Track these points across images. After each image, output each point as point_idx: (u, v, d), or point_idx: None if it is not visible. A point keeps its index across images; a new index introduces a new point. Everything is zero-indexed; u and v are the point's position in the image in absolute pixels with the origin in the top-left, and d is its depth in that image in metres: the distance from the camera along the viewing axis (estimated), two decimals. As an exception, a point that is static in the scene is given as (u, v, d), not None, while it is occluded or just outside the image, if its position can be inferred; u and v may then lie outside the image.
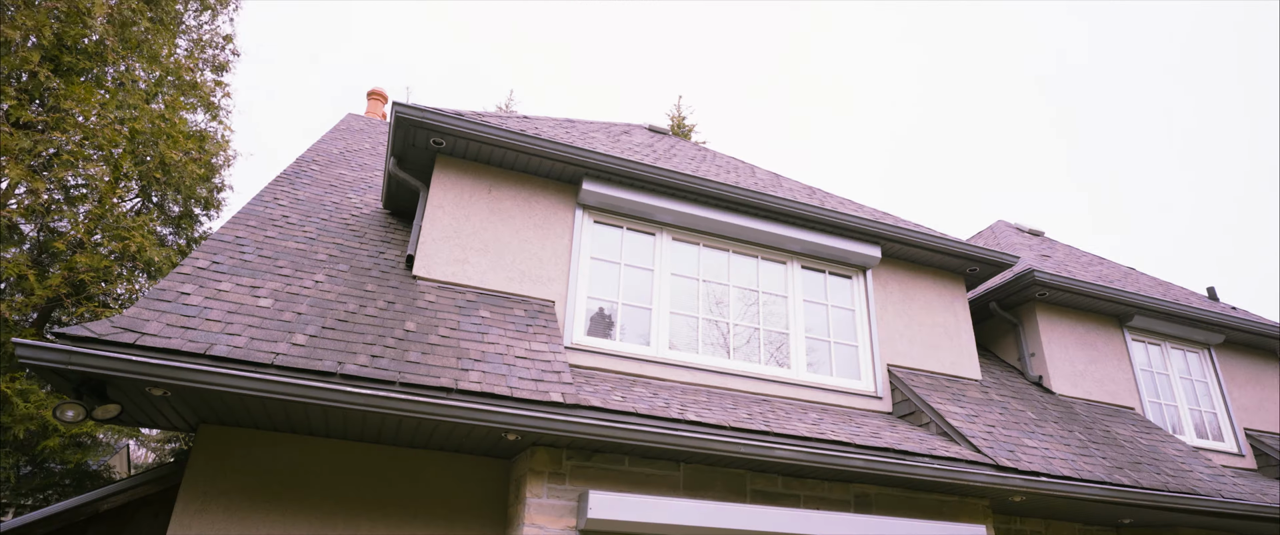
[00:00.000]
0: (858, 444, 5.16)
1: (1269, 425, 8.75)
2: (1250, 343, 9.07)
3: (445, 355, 4.68)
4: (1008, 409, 6.76)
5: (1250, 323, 8.80)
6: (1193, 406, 8.46)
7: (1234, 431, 8.47)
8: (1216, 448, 8.25)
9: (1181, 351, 8.75)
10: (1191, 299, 9.33)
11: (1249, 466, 8.30)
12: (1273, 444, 8.35)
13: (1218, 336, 8.79)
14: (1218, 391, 8.66)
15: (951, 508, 5.75)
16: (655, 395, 5.34)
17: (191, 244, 8.68)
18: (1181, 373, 8.61)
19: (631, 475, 4.93)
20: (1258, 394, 8.90)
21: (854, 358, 6.84)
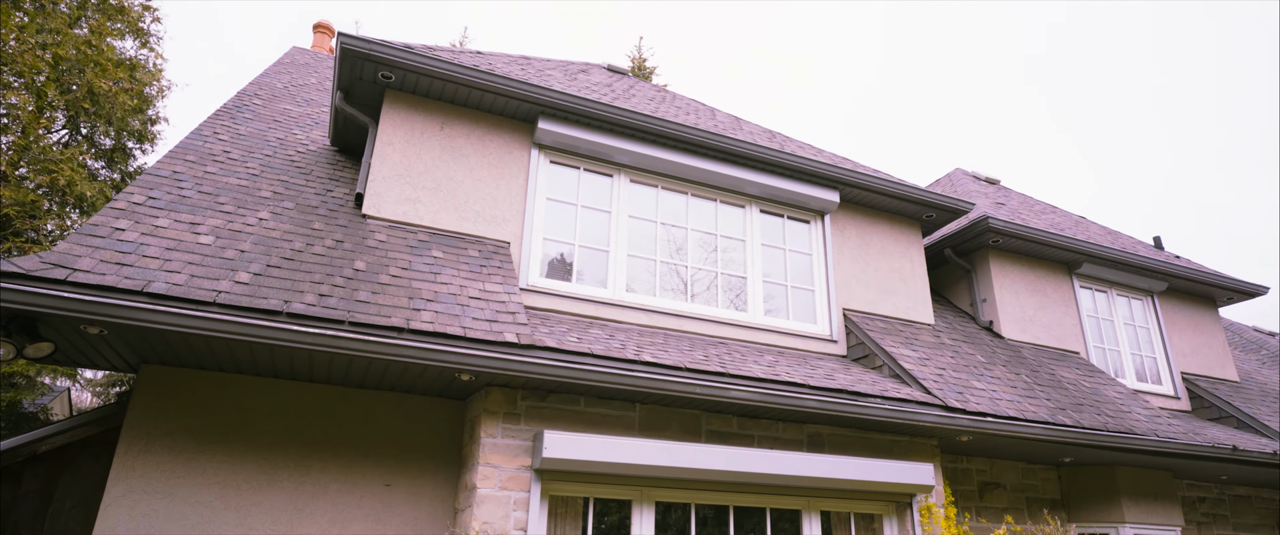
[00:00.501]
0: (811, 385, 5.23)
1: (1204, 369, 9.13)
2: (1191, 290, 9.39)
3: (396, 295, 4.57)
4: (958, 352, 6.91)
5: (1192, 271, 9.08)
6: (1134, 351, 8.76)
7: (1172, 375, 8.81)
8: (1155, 391, 8.59)
9: (1126, 298, 9.02)
10: (1138, 248, 9.58)
11: (1184, 408, 8.67)
12: (1207, 387, 8.72)
13: (1161, 284, 9.06)
14: (1158, 337, 8.97)
15: (902, 447, 5.90)
16: (612, 337, 5.32)
17: (126, 179, 8.28)
18: (1125, 319, 8.89)
19: (587, 415, 4.94)
20: (1195, 340, 9.25)
21: (811, 302, 6.89)
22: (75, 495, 4.65)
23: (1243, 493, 8.50)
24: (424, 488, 4.93)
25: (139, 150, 8.70)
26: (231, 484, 4.45)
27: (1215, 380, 9.04)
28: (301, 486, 4.61)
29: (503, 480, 4.53)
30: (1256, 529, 8.38)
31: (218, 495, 4.40)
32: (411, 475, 4.92)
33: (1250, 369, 10.72)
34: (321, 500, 4.63)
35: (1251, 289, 9.31)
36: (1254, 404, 8.60)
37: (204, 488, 4.38)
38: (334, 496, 4.67)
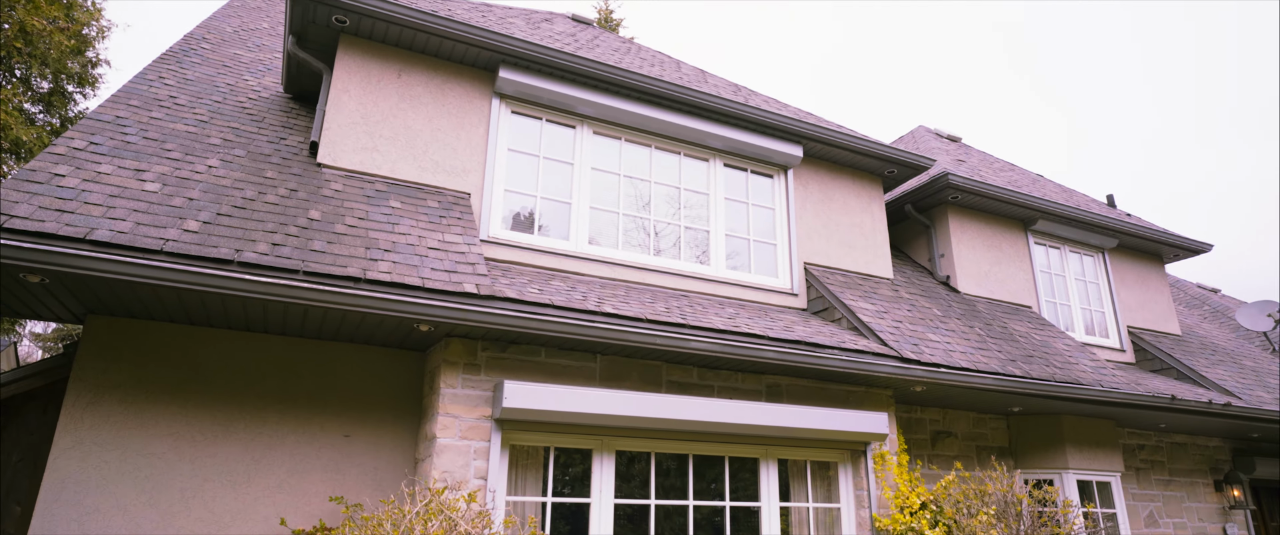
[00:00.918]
0: (770, 337, 5.30)
1: (1149, 324, 9.46)
2: (1140, 247, 9.67)
3: (353, 245, 4.49)
4: (915, 306, 7.05)
5: (1141, 228, 9.34)
6: (1084, 306, 9.03)
7: (1118, 329, 9.12)
8: (1102, 344, 8.89)
9: (1078, 255, 9.26)
10: (1091, 206, 9.81)
11: (1129, 360, 9.00)
12: (1151, 340, 9.06)
13: (1112, 241, 9.31)
14: (1107, 292, 9.26)
15: (857, 397, 6.05)
16: (573, 289, 5.31)
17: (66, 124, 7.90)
18: (1077, 274, 9.14)
19: (548, 366, 4.95)
20: (1142, 295, 9.56)
21: (772, 256, 6.95)
22: (22, 448, 4.56)
23: (1180, 440, 8.91)
24: (384, 438, 4.93)
25: (79, 94, 8.28)
26: (185, 436, 4.40)
27: (1159, 334, 9.38)
28: (257, 437, 4.57)
29: (463, 430, 4.54)
30: (1191, 474, 8.82)
31: (171, 447, 4.35)
32: (371, 426, 4.91)
33: (1192, 323, 11.15)
34: (279, 451, 4.60)
35: (1196, 246, 9.62)
36: (1194, 356, 8.97)
37: (156, 439, 4.32)
38: (292, 447, 4.65)
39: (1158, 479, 8.53)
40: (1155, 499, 8.42)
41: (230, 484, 4.43)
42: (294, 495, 4.58)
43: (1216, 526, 8.77)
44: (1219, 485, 8.92)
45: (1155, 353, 8.80)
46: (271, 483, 4.54)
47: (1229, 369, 8.93)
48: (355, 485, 4.76)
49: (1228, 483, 8.91)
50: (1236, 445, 9.36)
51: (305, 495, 4.61)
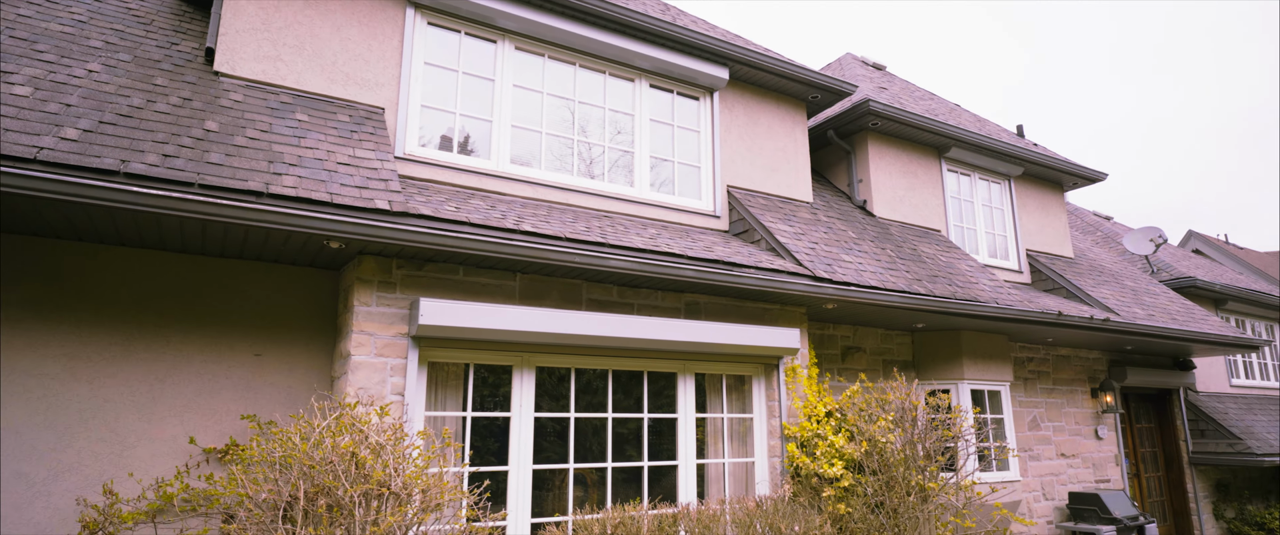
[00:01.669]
0: (689, 256, 5.40)
1: (1046, 247, 10.07)
2: (1043, 175, 10.17)
3: (255, 158, 4.28)
4: (832, 229, 7.28)
5: (1045, 157, 9.81)
6: (989, 230, 9.52)
7: (1018, 252, 9.68)
8: (1003, 265, 9.43)
9: (987, 182, 9.68)
10: (1002, 135, 10.21)
11: (1025, 281, 9.60)
12: (1046, 262, 9.66)
13: (1018, 169, 9.76)
14: (1011, 218, 9.76)
15: (773, 315, 6.28)
16: (493, 208, 5.24)
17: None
18: (984, 200, 9.58)
19: (466, 284, 4.93)
20: (1042, 220, 10.13)
21: (696, 178, 7.00)
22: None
23: (1064, 353, 9.66)
24: (298, 357, 4.85)
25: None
26: (80, 356, 4.22)
27: (1054, 257, 10.01)
28: (161, 357, 4.42)
29: (378, 347, 4.51)
30: (1072, 383, 9.61)
31: (65, 367, 4.17)
32: (284, 345, 4.81)
33: (1085, 247, 11.93)
34: (185, 371, 4.48)
35: (1092, 174, 10.19)
36: (1082, 277, 9.63)
37: (48, 360, 4.13)
38: (199, 367, 4.52)
39: (1043, 387, 9.27)
40: (1039, 405, 9.17)
41: (133, 405, 4.30)
42: (204, 415, 4.49)
43: (1090, 428, 9.66)
44: (1095, 392, 9.78)
45: (1049, 274, 9.41)
46: (179, 403, 4.44)
47: (1112, 288, 9.66)
48: (269, 404, 4.70)
49: (1102, 390, 9.77)
50: (1113, 357, 10.23)
51: (216, 415, 4.53)
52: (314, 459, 3.22)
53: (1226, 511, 11.34)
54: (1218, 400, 11.73)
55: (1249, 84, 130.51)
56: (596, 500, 5.29)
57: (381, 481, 3.24)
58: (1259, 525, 11.10)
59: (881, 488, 5.34)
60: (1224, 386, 12.36)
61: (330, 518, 3.13)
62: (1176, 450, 11.10)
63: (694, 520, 4.73)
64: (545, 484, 5.17)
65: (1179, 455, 11.06)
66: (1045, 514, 8.92)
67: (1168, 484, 11.21)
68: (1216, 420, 10.93)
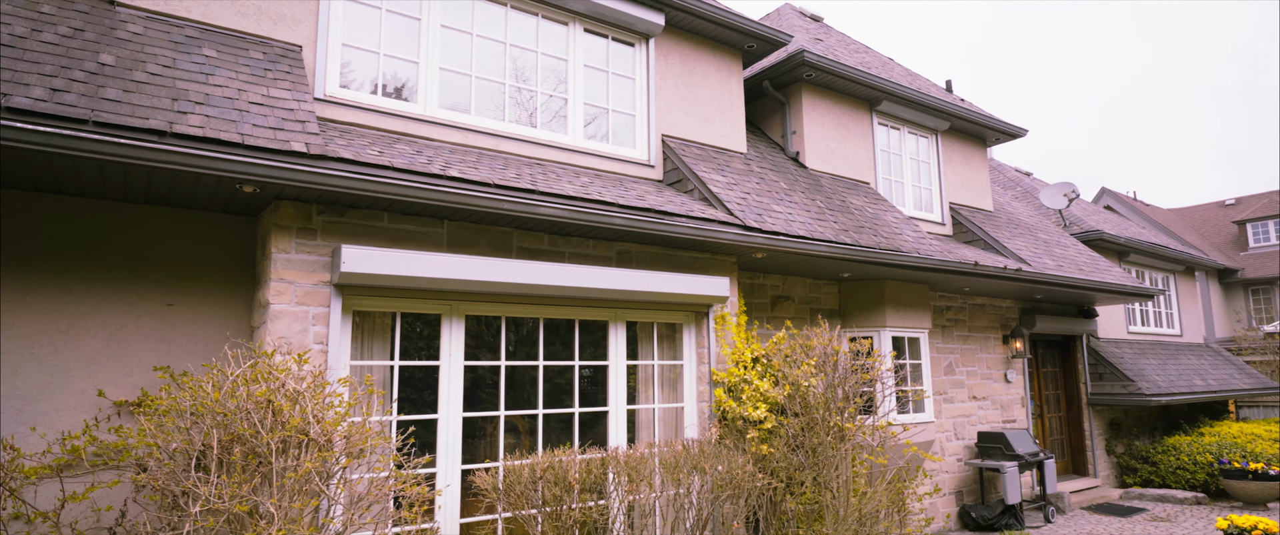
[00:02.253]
0: (621, 204, 5.39)
1: (969, 201, 10.45)
2: (968, 130, 10.49)
3: (157, 95, 4.03)
4: (764, 179, 7.37)
5: (970, 113, 10.10)
6: (916, 183, 9.80)
7: (942, 205, 10.02)
8: (927, 217, 9.75)
9: (915, 136, 9.93)
10: (931, 90, 10.44)
11: (948, 233, 9.97)
12: (967, 215, 10.04)
13: (945, 123, 10.03)
14: (936, 171, 10.06)
15: (703, 263, 6.36)
16: (419, 153, 5.10)
17: None
18: (912, 154, 9.84)
19: (391, 231, 4.81)
20: (966, 174, 10.48)
21: (631, 126, 6.95)
22: None
23: (980, 302, 10.15)
24: (215, 307, 4.68)
25: None
26: (-29, 304, 3.96)
27: (975, 210, 10.41)
28: (62, 307, 4.20)
29: (299, 296, 4.39)
30: (985, 330, 10.13)
31: (-46, 317, 3.91)
32: (199, 294, 4.63)
33: (1004, 201, 12.43)
34: (91, 321, 4.27)
35: (1014, 130, 10.57)
36: (1001, 230, 10.07)
37: (-66, 309, 3.87)
38: (106, 317, 4.32)
39: (959, 335, 9.74)
40: (955, 352, 9.65)
41: (33, 356, 4.09)
42: (113, 367, 4.31)
43: (1000, 373, 10.24)
44: (1006, 339, 10.34)
45: (969, 226, 9.79)
46: (85, 355, 4.24)
47: (1026, 241, 10.13)
48: (185, 355, 4.53)
49: (1013, 337, 10.34)
50: (1024, 305, 10.80)
51: (126, 367, 4.35)
52: (227, 408, 3.14)
53: (1117, 447, 12.28)
54: (1116, 346, 12.57)
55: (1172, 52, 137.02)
56: (529, 447, 5.35)
57: (299, 428, 3.19)
58: (1144, 459, 12.08)
59: (803, 429, 5.56)
60: (1122, 333, 13.24)
61: (245, 465, 3.08)
62: (1077, 392, 11.90)
63: (622, 463, 4.84)
64: (477, 432, 5.19)
65: (1079, 397, 11.87)
66: (957, 452, 9.48)
67: (1068, 423, 12.04)
68: (1113, 364, 11.74)
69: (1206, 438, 11.85)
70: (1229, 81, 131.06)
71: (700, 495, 5.05)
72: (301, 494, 3.14)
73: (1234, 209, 29.00)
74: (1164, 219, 27.54)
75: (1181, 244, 20.82)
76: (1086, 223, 13.13)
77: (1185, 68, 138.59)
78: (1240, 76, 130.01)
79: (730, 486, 5.02)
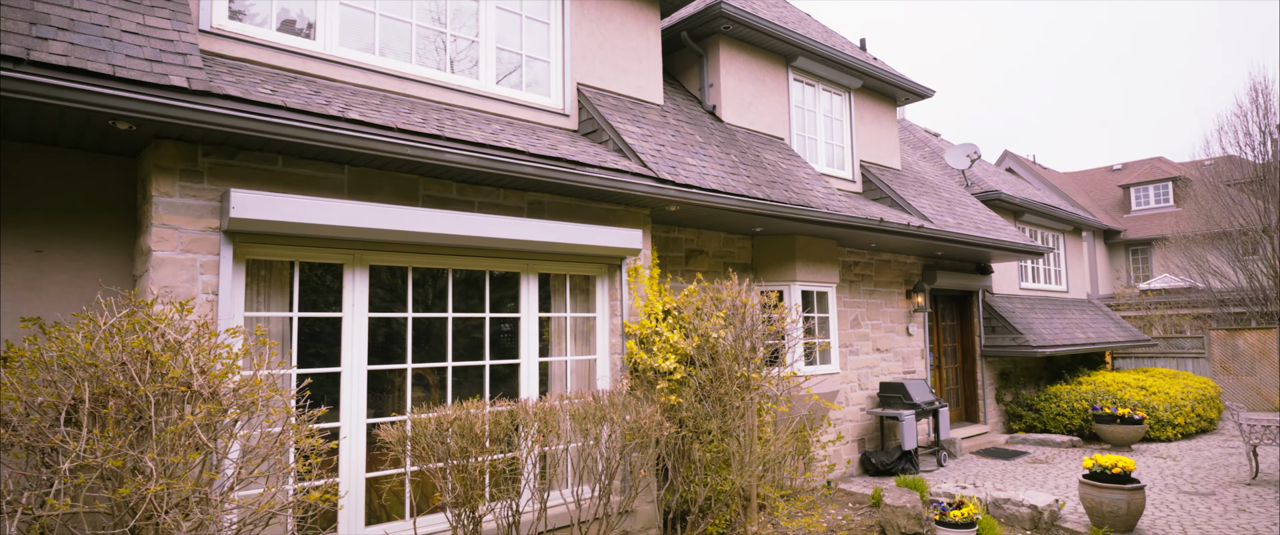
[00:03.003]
0: (532, 153, 5.28)
1: (878, 159, 10.77)
2: (879, 89, 10.75)
3: (11, 19, 3.64)
4: (680, 132, 7.36)
5: (882, 72, 10.34)
6: (829, 141, 10.02)
7: (853, 162, 10.29)
8: (838, 174, 10.01)
9: (829, 93, 10.11)
10: (846, 47, 10.61)
11: (857, 190, 10.28)
12: (876, 173, 10.36)
13: (858, 82, 10.24)
14: (848, 129, 10.31)
15: (617, 215, 6.35)
16: (317, 93, 4.83)
17: None
18: (826, 112, 10.03)
19: (287, 176, 4.57)
20: (876, 133, 10.78)
21: (546, 74, 6.78)
22: None
23: (886, 258, 10.57)
24: (92, 254, 4.36)
25: None
26: None
27: (884, 168, 10.75)
28: (-92, 251, 3.82)
29: (185, 242, 4.13)
30: (890, 285, 10.58)
31: None
32: (73, 240, 4.29)
33: (912, 161, 12.89)
34: (-58, 267, 3.90)
35: (922, 90, 10.90)
36: (907, 188, 10.45)
37: None
38: (-39, 263, 3.95)
39: (865, 289, 10.14)
40: (861, 306, 10.05)
41: (-125, 305, 3.72)
42: (-28, 317, 3.97)
43: (903, 326, 10.75)
44: (909, 294, 10.84)
45: (878, 184, 10.12)
46: (-63, 303, 3.88)
47: (930, 199, 10.56)
48: (58, 305, 4.22)
49: (915, 292, 10.84)
50: (926, 262, 11.32)
51: (-13, 316, 4.01)
52: (99, 359, 2.94)
53: (1006, 396, 13.18)
54: (1009, 301, 13.38)
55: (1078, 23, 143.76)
56: (438, 401, 5.28)
57: (181, 380, 3.03)
58: (1029, 407, 13.03)
59: (711, 380, 5.69)
60: (1015, 289, 14.10)
61: (121, 419, 2.91)
62: (972, 345, 12.65)
63: (531, 415, 4.85)
64: (383, 385, 5.08)
65: (974, 349, 12.62)
66: (860, 402, 9.95)
67: (963, 374, 12.81)
68: (1005, 318, 12.51)
69: (1083, 387, 12.86)
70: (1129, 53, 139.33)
71: (609, 445, 5.13)
72: (184, 448, 3.00)
73: (1120, 174, 31.05)
74: (1059, 182, 29.23)
75: (1072, 205, 22.20)
76: (986, 183, 13.78)
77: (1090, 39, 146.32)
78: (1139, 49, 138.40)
79: (638, 436, 5.12)
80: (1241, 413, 9.22)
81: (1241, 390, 16.19)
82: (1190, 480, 9.04)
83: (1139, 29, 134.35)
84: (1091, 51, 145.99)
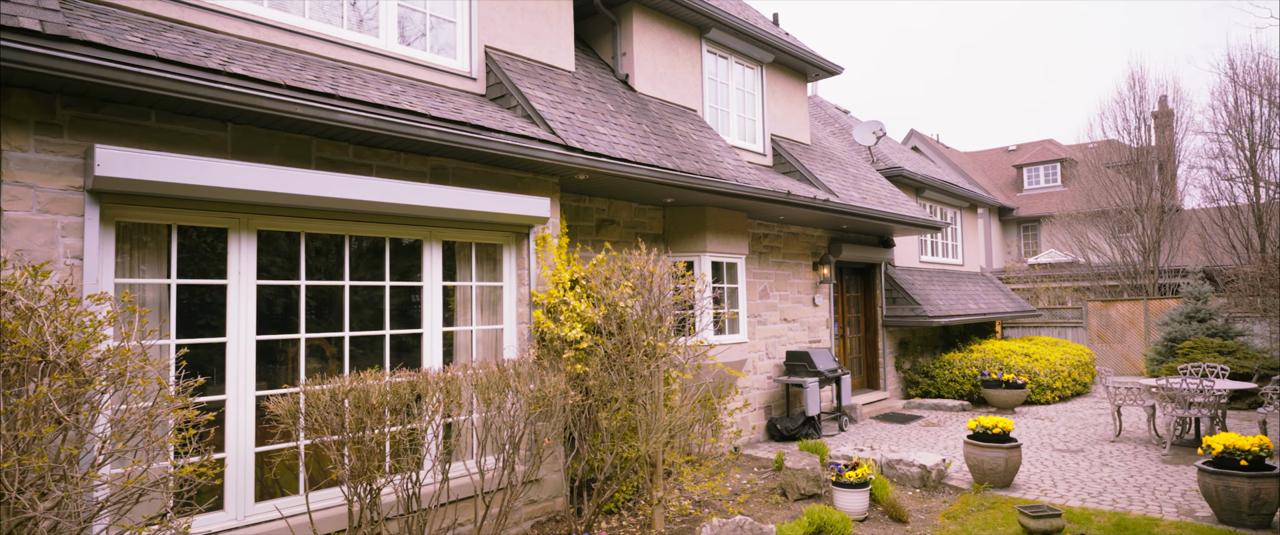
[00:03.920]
0: (433, 116, 5.11)
1: (789, 133, 10.99)
2: (790, 64, 10.94)
3: None
4: (592, 100, 7.28)
5: (794, 47, 10.51)
6: (741, 114, 10.14)
7: (764, 136, 10.47)
8: (750, 148, 10.16)
9: (742, 66, 10.21)
10: (759, 21, 10.72)
11: (768, 164, 10.47)
12: (786, 147, 10.57)
13: (770, 56, 10.38)
14: (760, 103, 10.46)
15: (525, 183, 6.24)
16: (196, 44, 4.50)
17: None
18: (738, 85, 10.13)
19: (161, 133, 4.26)
20: (787, 107, 10.99)
21: (453, 35, 6.55)
22: None
23: (794, 230, 10.85)
24: (-70, 213, 3.93)
25: None
26: None
27: (794, 142, 10.99)
28: None
29: (43, 202, 3.79)
30: (798, 257, 10.89)
31: None
32: (-94, 198, 3.86)
33: (822, 136, 13.23)
34: None
35: (832, 67, 11.17)
36: (816, 163, 10.72)
37: None
38: None
39: (774, 261, 10.39)
40: (770, 277, 10.30)
41: None
42: None
43: (809, 297, 11.10)
44: (816, 266, 11.18)
45: (788, 158, 10.34)
46: None
47: (837, 174, 10.89)
48: (-110, 270, 3.80)
49: (821, 264, 11.20)
50: (833, 235, 11.69)
51: None
52: (-69, 327, 2.67)
53: (905, 364, 13.87)
54: (909, 273, 14.02)
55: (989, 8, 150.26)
56: (337, 372, 5.09)
57: (35, 350, 2.79)
58: (925, 374, 13.75)
59: (618, 348, 5.72)
60: (915, 262, 14.78)
61: (-42, 392, 2.66)
62: (874, 314, 13.21)
63: (432, 384, 4.75)
64: (275, 356, 4.85)
65: (876, 319, 13.18)
66: (768, 371, 10.25)
67: (865, 343, 13.38)
68: (905, 289, 13.11)
69: (975, 354, 13.66)
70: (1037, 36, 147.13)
71: (513, 414, 5.09)
72: (39, 422, 2.78)
73: (1015, 154, 32.89)
74: (960, 161, 30.69)
75: (970, 184, 23.37)
76: (891, 160, 14.31)
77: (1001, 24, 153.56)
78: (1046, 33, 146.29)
79: (543, 404, 5.10)
80: (1109, 377, 10.02)
81: (1113, 356, 17.60)
82: (1063, 439, 9.79)
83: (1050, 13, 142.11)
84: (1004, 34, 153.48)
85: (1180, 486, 7.22)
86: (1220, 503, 5.89)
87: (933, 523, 6.19)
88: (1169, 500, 6.74)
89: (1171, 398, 8.89)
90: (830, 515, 5.74)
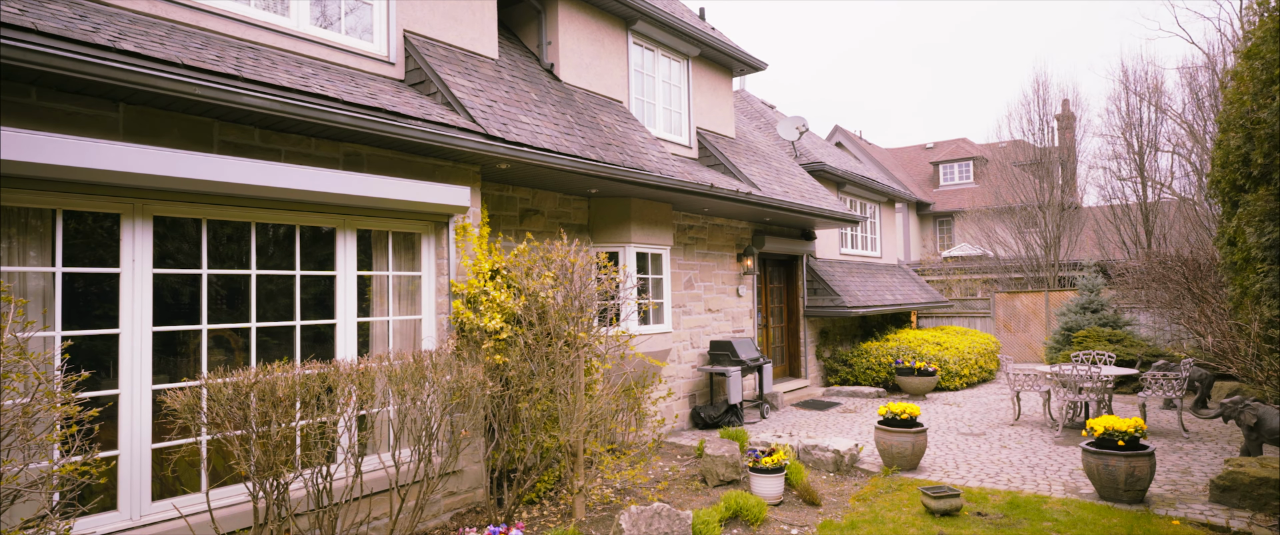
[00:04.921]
0: (346, 101, 4.96)
1: (714, 127, 11.15)
2: (716, 58, 11.09)
3: None
4: (515, 88, 7.21)
5: (719, 42, 10.65)
6: (666, 106, 10.21)
7: (690, 129, 10.58)
8: (675, 140, 10.26)
9: (668, 59, 10.28)
10: (685, 15, 10.81)
11: (693, 156, 10.59)
12: (711, 140, 10.72)
13: (696, 50, 10.49)
14: (686, 96, 10.56)
15: (445, 171, 6.13)
16: (83, 18, 4.23)
17: None
18: (664, 77, 10.20)
19: (43, 111, 3.99)
20: (712, 101, 11.13)
21: (370, 17, 6.36)
22: None
23: (719, 222, 11.03)
24: None
25: None
26: None
27: (719, 135, 11.15)
28: None
29: (-95, 184, 3.51)
30: (723, 249, 11.07)
31: None
32: None
33: (748, 130, 13.46)
34: None
35: (756, 62, 11.37)
36: (740, 156, 10.91)
37: None
38: None
39: (699, 252, 10.54)
40: (695, 268, 10.44)
41: None
42: None
43: (733, 288, 11.31)
44: (740, 257, 11.40)
45: (713, 151, 10.49)
46: None
47: (760, 168, 11.11)
48: None
49: (745, 255, 11.43)
50: (757, 227, 11.94)
51: None
52: None
53: (825, 353, 14.31)
54: (830, 265, 14.45)
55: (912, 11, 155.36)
56: (244, 363, 4.89)
57: (-109, 344, 2.59)
58: (844, 362, 14.23)
59: (537, 339, 5.71)
60: (836, 255, 15.24)
61: None
62: (796, 305, 13.57)
63: (344, 376, 4.63)
64: (176, 349, 4.63)
65: (798, 309, 13.55)
66: (692, 360, 10.40)
67: (788, 333, 13.74)
68: (826, 281, 13.51)
69: (890, 343, 14.22)
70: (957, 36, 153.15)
71: (430, 405, 5.01)
72: (-103, 420, 2.58)
73: (932, 152, 34.26)
74: (881, 157, 31.75)
75: (889, 179, 24.22)
76: (813, 155, 14.69)
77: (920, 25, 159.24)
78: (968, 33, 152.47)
79: (460, 395, 5.04)
80: (1010, 364, 10.61)
81: (1017, 345, 18.61)
82: (968, 423, 10.31)
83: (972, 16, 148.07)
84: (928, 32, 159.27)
85: (1068, 466, 7.72)
86: (1101, 480, 6.34)
87: (844, 505, 6.43)
88: (1058, 479, 7.21)
89: (1064, 383, 9.49)
90: (747, 500, 5.89)
